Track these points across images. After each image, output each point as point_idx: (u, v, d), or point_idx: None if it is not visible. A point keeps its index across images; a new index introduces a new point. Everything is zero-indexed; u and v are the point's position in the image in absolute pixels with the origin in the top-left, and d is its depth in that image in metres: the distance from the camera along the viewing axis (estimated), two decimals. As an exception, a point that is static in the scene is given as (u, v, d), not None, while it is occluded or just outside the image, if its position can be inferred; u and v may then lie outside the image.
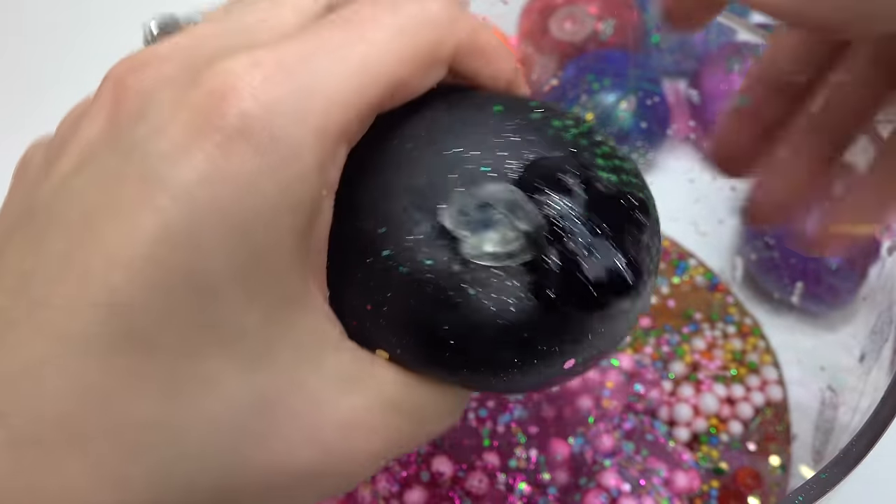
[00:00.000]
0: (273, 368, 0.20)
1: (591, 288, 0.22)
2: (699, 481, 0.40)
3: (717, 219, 0.53)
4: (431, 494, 0.39)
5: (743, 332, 0.48)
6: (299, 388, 0.21)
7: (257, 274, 0.20)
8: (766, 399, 0.45)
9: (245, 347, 0.20)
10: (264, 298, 0.20)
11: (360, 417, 0.22)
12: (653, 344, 0.46)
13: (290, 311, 0.21)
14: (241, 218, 0.19)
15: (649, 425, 0.43)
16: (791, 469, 0.43)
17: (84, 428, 0.18)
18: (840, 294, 0.47)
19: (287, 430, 0.21)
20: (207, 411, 0.19)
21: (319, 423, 0.21)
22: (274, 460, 0.21)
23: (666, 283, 0.50)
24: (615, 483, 0.39)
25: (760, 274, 0.50)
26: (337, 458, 0.22)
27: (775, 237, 0.48)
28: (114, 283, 0.18)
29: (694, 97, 0.54)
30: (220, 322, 0.19)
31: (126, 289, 0.18)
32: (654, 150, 0.54)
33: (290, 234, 0.20)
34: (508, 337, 0.23)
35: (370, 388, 0.22)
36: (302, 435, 0.21)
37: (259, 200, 0.19)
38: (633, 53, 0.56)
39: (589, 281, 0.22)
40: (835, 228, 0.30)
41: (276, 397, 0.21)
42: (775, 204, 0.32)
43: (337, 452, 0.22)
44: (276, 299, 0.20)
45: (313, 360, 0.21)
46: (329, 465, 0.22)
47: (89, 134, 0.21)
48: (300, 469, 0.21)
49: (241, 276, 0.19)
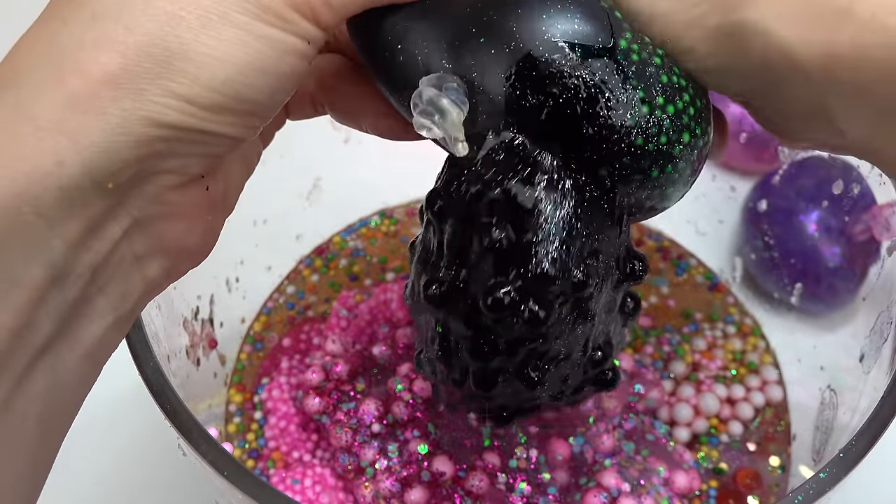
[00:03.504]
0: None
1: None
2: (699, 481, 0.40)
3: (717, 219, 0.53)
4: (432, 494, 0.39)
5: (743, 332, 0.48)
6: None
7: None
8: (766, 399, 0.45)
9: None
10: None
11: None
12: (653, 343, 0.47)
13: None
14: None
15: (649, 425, 0.43)
16: (791, 469, 0.43)
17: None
18: (840, 294, 0.47)
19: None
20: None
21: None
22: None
23: (666, 282, 0.50)
24: (615, 483, 0.39)
25: (760, 274, 0.50)
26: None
27: (775, 237, 0.48)
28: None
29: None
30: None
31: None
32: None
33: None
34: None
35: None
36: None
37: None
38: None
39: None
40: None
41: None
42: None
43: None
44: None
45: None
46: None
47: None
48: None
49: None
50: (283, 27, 0.23)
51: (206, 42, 0.22)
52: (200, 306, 0.42)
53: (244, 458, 0.43)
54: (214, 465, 0.29)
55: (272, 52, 0.23)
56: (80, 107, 0.21)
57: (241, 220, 0.31)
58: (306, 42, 0.24)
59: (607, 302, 0.33)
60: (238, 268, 0.48)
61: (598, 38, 0.26)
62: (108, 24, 0.22)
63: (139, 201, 0.24)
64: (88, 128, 0.21)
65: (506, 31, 0.26)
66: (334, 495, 0.40)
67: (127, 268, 0.25)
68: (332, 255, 0.52)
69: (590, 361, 0.34)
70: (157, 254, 0.25)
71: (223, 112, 0.23)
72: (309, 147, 0.33)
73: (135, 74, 0.22)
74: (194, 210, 0.26)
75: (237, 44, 0.23)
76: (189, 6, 0.22)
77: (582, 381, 0.35)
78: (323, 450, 0.42)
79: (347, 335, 0.45)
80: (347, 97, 0.30)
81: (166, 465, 0.46)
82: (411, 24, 0.27)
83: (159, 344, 0.34)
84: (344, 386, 0.43)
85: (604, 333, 0.34)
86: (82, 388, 0.25)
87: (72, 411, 0.25)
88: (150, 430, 0.46)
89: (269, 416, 0.44)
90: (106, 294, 0.24)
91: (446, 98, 0.26)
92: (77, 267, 0.23)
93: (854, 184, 0.44)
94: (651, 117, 0.27)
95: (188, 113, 0.22)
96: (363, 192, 0.54)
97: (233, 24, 0.22)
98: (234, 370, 0.47)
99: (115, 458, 0.47)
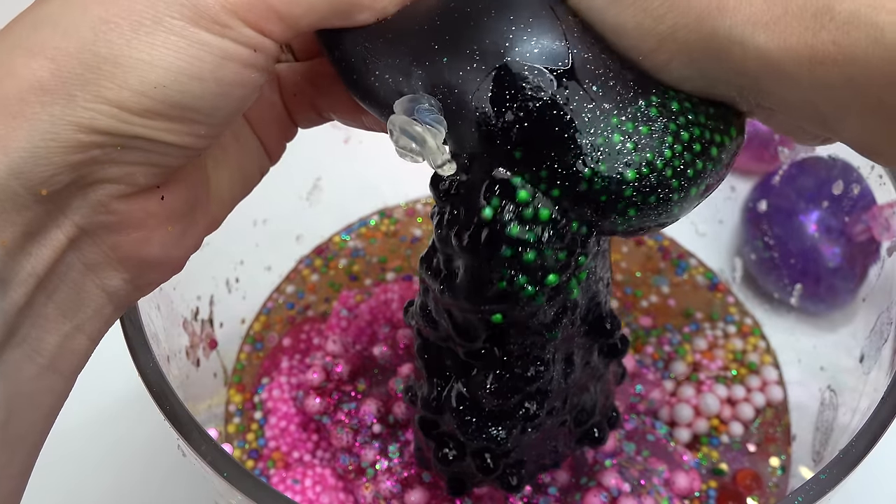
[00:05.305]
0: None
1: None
2: (699, 482, 0.40)
3: (717, 219, 0.53)
4: (432, 495, 0.39)
5: (743, 332, 0.48)
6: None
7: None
8: (767, 400, 0.45)
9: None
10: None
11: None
12: (654, 343, 0.47)
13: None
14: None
15: (650, 426, 0.43)
16: (791, 470, 0.43)
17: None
18: (840, 294, 0.47)
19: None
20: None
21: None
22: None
23: (666, 282, 0.50)
24: (615, 483, 0.39)
25: (760, 274, 0.50)
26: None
27: (775, 237, 0.48)
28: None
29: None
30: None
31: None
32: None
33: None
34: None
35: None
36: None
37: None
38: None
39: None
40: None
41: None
42: None
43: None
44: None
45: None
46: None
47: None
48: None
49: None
50: (222, 33, 0.23)
51: (136, 47, 0.22)
52: (200, 307, 0.42)
53: (244, 459, 0.43)
54: (214, 465, 0.29)
55: (209, 58, 0.23)
56: (10, 111, 0.21)
57: (241, 220, 0.31)
58: (251, 50, 0.23)
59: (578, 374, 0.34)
60: (238, 268, 0.48)
61: (558, 61, 0.25)
62: (46, 31, 0.22)
63: (82, 209, 0.23)
64: (16, 133, 0.21)
65: (467, 51, 0.25)
66: (334, 496, 0.40)
67: (77, 276, 0.24)
68: (331, 255, 0.52)
69: (574, 425, 0.36)
70: (113, 264, 0.25)
71: (157, 118, 0.23)
72: (309, 147, 0.33)
73: (65, 80, 0.22)
74: (150, 221, 0.25)
75: (170, 48, 0.22)
76: (123, 12, 0.22)
77: (571, 444, 0.37)
78: (323, 450, 0.42)
79: (348, 335, 0.45)
80: (348, 99, 0.29)
81: (166, 466, 0.46)
82: (375, 44, 0.26)
83: (159, 344, 0.34)
84: (345, 386, 0.43)
85: (591, 398, 0.36)
86: (51, 398, 0.25)
87: (44, 422, 0.25)
88: (150, 430, 0.46)
89: (270, 416, 0.44)
90: (56, 302, 0.24)
91: (419, 125, 0.26)
92: (19, 272, 0.23)
93: (854, 184, 0.44)
94: (627, 143, 0.25)
95: (119, 118, 0.22)
96: (363, 192, 0.54)
97: (166, 30, 0.22)
98: (234, 370, 0.47)
99: (115, 458, 0.47)
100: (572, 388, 0.34)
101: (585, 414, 0.36)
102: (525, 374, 0.31)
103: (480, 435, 0.32)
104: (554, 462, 0.39)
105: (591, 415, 0.36)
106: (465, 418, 0.32)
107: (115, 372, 0.32)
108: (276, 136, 0.31)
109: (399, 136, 0.26)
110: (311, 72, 0.30)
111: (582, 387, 0.35)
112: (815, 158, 0.47)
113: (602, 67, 0.25)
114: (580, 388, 0.35)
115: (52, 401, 0.25)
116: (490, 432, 0.32)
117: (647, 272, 0.51)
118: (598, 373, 0.35)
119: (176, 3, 0.22)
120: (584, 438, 0.37)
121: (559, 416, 0.34)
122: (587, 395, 0.35)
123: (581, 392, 0.35)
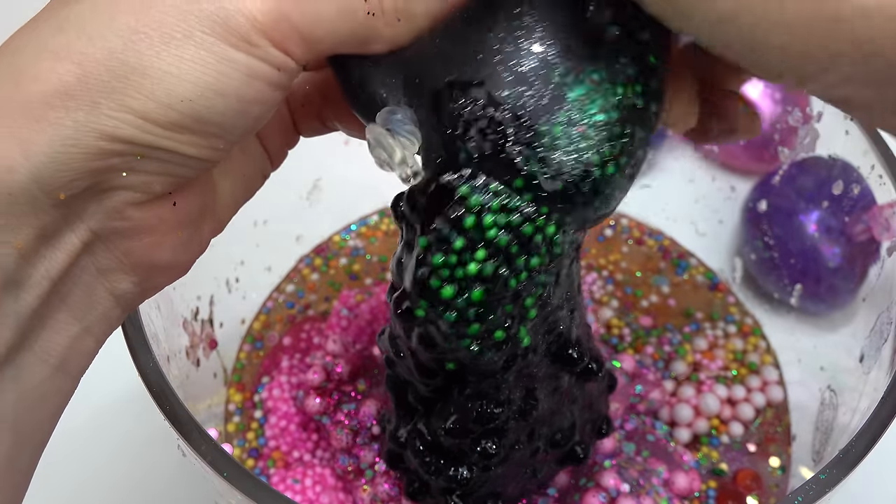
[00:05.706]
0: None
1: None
2: (699, 482, 0.40)
3: (717, 219, 0.53)
4: (432, 496, 0.39)
5: (743, 332, 0.48)
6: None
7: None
8: (767, 400, 0.45)
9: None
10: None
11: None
12: (654, 343, 0.47)
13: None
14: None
15: (650, 426, 0.43)
16: (791, 470, 0.43)
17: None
18: (840, 294, 0.47)
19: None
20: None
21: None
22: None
23: (667, 282, 0.50)
24: (614, 483, 0.39)
25: (760, 274, 0.50)
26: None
27: (775, 237, 0.48)
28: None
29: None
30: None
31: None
32: (655, 150, 0.54)
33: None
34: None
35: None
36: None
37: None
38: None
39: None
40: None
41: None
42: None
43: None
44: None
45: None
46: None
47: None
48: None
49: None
50: (250, 52, 0.23)
51: (165, 59, 0.22)
52: (200, 307, 0.42)
53: (244, 458, 0.43)
54: (214, 465, 0.29)
55: (236, 76, 0.23)
56: (34, 115, 0.21)
57: (241, 221, 0.31)
58: (275, 69, 0.24)
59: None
60: (238, 268, 0.48)
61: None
62: (71, 35, 0.22)
63: (98, 215, 0.24)
64: (39, 136, 0.21)
65: (434, 72, 0.26)
66: (334, 495, 0.40)
67: (89, 279, 0.25)
68: (331, 254, 0.52)
69: (552, 447, 0.36)
70: (124, 268, 0.25)
71: (180, 130, 0.23)
72: (309, 147, 0.33)
73: (90, 87, 0.22)
74: (162, 226, 0.25)
75: (198, 63, 0.22)
76: (153, 23, 0.22)
77: (553, 465, 0.37)
78: (323, 450, 0.42)
79: (348, 335, 0.45)
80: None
81: (166, 465, 0.46)
82: (367, 68, 0.27)
83: (159, 344, 0.34)
84: (345, 386, 0.43)
85: (567, 418, 0.36)
86: (59, 399, 0.25)
87: (50, 422, 0.25)
88: (149, 430, 0.46)
89: (270, 415, 0.44)
90: (68, 305, 0.24)
91: (392, 136, 0.26)
92: (33, 275, 0.23)
93: (854, 184, 0.44)
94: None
95: (143, 129, 0.22)
96: (363, 192, 0.54)
97: (196, 44, 0.22)
98: (234, 369, 0.47)
99: (115, 458, 0.47)
100: (540, 419, 0.34)
101: (563, 436, 0.35)
102: (482, 413, 0.31)
103: (440, 475, 0.33)
104: (539, 484, 0.39)
105: (569, 436, 0.36)
106: (425, 459, 0.33)
107: (116, 372, 0.32)
108: (280, 144, 0.31)
109: (374, 146, 0.27)
110: (321, 82, 0.30)
111: (554, 412, 0.34)
112: (815, 158, 0.47)
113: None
114: (552, 413, 0.34)
115: (59, 401, 0.25)
116: (450, 473, 0.33)
117: (647, 272, 0.51)
118: (572, 396, 0.35)
119: (207, 20, 0.22)
120: (567, 459, 0.37)
121: (527, 447, 0.34)
122: (562, 418, 0.35)
123: (553, 417, 0.35)
